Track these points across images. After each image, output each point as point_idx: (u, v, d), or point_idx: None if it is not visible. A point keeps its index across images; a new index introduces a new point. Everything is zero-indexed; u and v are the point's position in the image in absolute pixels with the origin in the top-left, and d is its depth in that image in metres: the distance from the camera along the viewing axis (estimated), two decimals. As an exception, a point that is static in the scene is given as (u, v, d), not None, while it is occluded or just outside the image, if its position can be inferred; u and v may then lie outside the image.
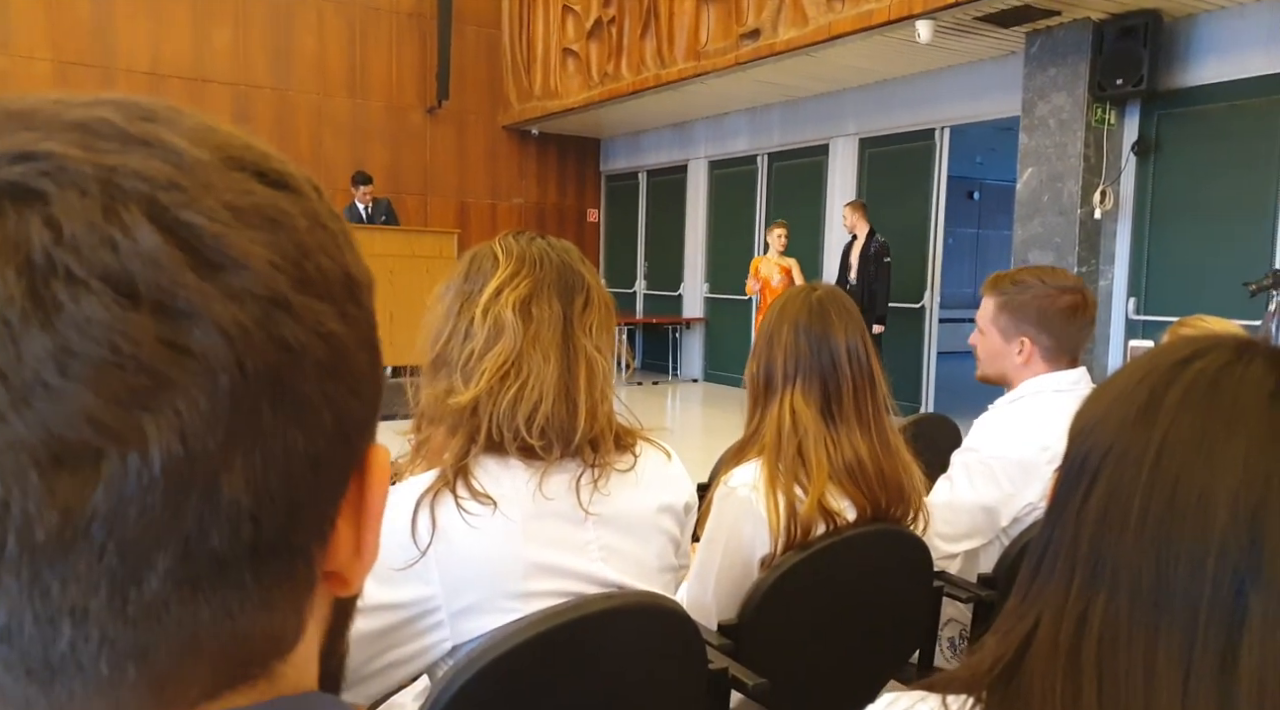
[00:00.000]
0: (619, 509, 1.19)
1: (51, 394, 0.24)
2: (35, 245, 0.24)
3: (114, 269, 0.25)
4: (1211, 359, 0.58)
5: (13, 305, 0.24)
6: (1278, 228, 5.25)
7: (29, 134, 0.26)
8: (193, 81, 8.73)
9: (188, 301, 0.26)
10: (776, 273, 7.24)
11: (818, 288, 1.62)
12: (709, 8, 7.21)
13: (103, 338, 0.24)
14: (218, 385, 0.26)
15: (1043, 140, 5.85)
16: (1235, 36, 5.31)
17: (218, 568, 0.27)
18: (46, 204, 0.25)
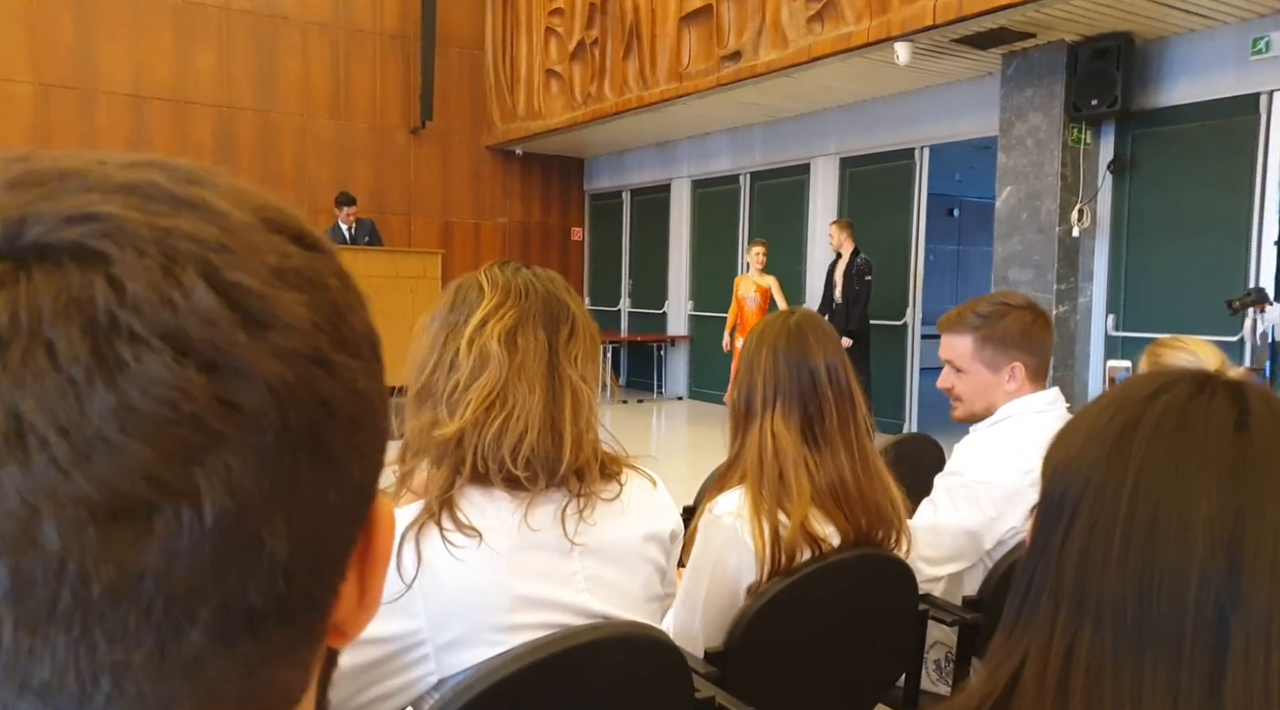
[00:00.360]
0: (605, 539, 1.19)
1: (112, 450, 0.25)
2: (99, 305, 0.25)
3: (173, 328, 0.26)
4: (1177, 393, 0.60)
5: (78, 363, 0.25)
6: (1250, 244, 5.33)
7: (86, 196, 0.27)
8: (176, 103, 8.71)
9: (240, 360, 0.27)
10: (753, 292, 7.29)
11: (795, 312, 1.63)
12: (690, 30, 7.28)
13: (163, 396, 0.25)
14: (264, 441, 0.27)
15: (1020, 159, 5.93)
16: (1205, 58, 5.41)
17: (250, 622, 0.28)
18: (109, 264, 0.26)
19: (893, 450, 2.52)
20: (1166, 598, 0.55)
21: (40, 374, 0.24)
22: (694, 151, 9.38)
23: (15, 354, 0.24)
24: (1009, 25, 5.32)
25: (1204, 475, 0.56)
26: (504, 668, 1.06)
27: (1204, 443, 0.57)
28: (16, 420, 0.24)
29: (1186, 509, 0.56)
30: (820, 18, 6.09)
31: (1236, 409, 0.58)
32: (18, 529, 0.24)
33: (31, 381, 0.24)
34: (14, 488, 0.24)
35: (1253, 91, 5.24)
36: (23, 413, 0.24)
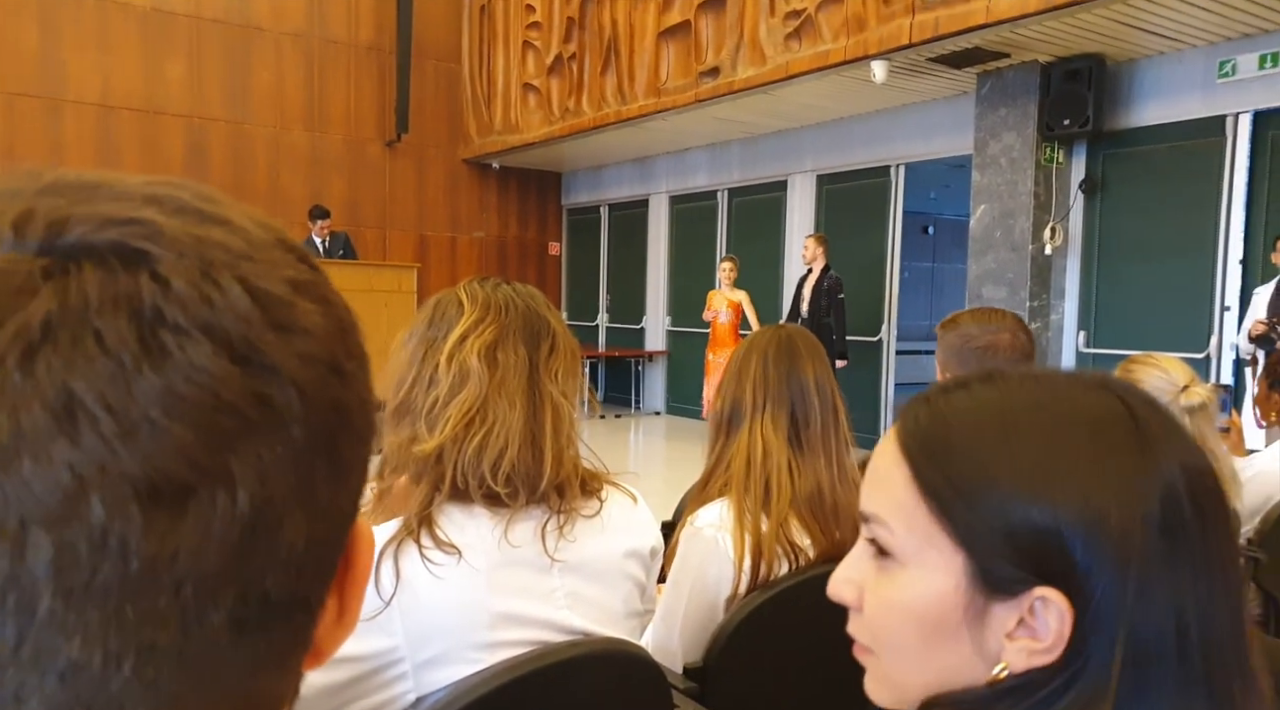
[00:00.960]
0: (585, 555, 1.18)
1: (156, 430, 0.26)
2: (145, 298, 0.27)
3: (212, 323, 0.27)
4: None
5: (126, 349, 0.26)
6: (1217, 264, 5.43)
7: (120, 203, 0.29)
8: (145, 113, 8.61)
9: (271, 358, 0.29)
10: (725, 307, 7.32)
11: (785, 328, 1.66)
12: (669, 46, 7.32)
13: (205, 383, 0.27)
14: (291, 436, 0.29)
15: (994, 178, 6.01)
16: (1174, 80, 5.52)
17: (264, 613, 0.29)
18: (152, 263, 0.28)
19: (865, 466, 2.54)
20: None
21: (90, 357, 0.26)
22: (672, 167, 9.42)
23: (65, 338, 0.25)
24: (983, 45, 5.40)
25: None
26: (483, 685, 1.05)
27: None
28: (68, 397, 0.25)
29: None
30: (798, 35, 6.15)
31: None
32: (65, 501, 0.25)
33: (82, 364, 0.25)
34: (64, 461, 0.25)
35: (1219, 113, 5.35)
36: (74, 391, 0.25)
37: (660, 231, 9.66)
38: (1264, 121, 5.23)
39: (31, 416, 0.25)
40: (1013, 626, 0.54)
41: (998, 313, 1.96)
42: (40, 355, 0.25)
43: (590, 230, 10.69)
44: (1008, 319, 1.94)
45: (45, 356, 0.25)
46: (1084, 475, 0.53)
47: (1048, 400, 0.57)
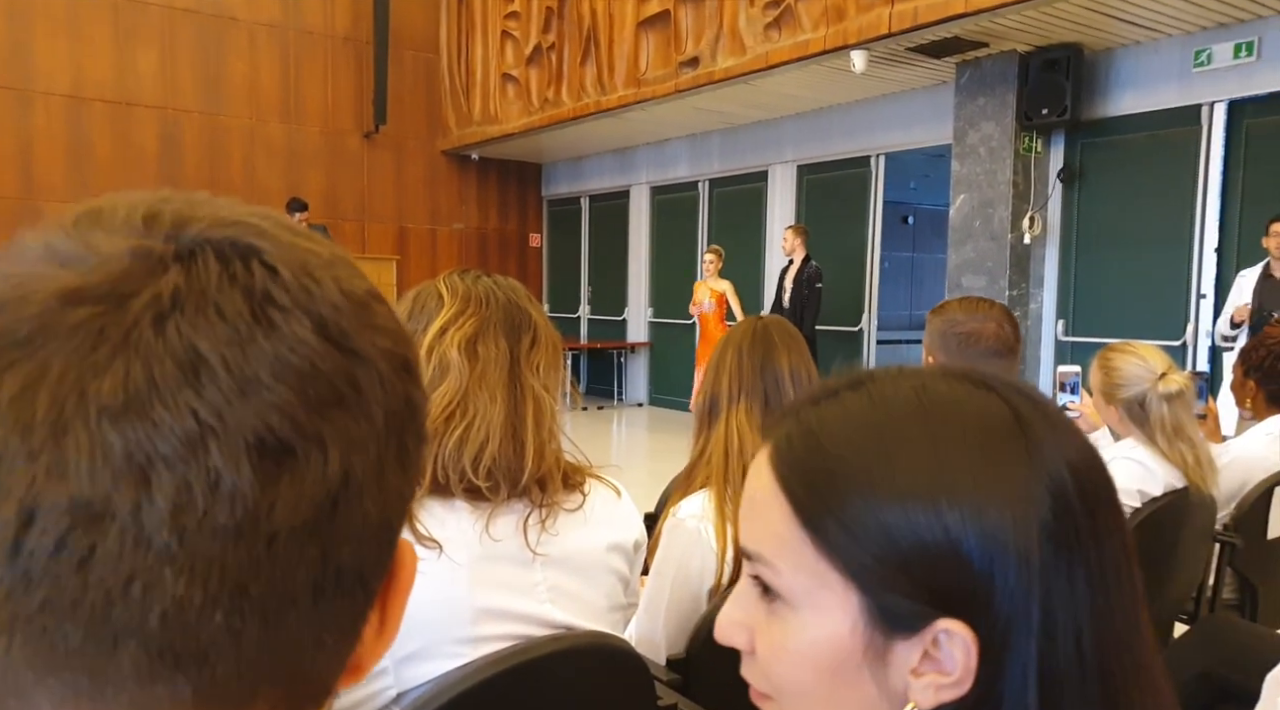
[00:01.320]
0: (567, 549, 1.17)
1: (265, 390, 0.29)
2: (257, 280, 0.30)
3: (312, 309, 0.31)
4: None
5: (242, 319, 0.29)
6: (1193, 252, 5.48)
7: (231, 211, 0.33)
8: (117, 105, 8.48)
9: (359, 345, 0.32)
10: (709, 298, 7.33)
11: (763, 319, 1.66)
12: (648, 36, 7.29)
13: (306, 355, 0.30)
14: (374, 418, 0.32)
15: (974, 168, 6.03)
16: (1150, 70, 5.56)
17: (337, 582, 0.31)
18: (262, 255, 0.31)
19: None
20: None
21: (212, 324, 0.29)
22: (652, 158, 9.39)
23: (191, 307, 0.29)
24: (962, 35, 5.41)
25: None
26: (465, 680, 1.04)
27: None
28: (195, 355, 0.28)
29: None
30: (777, 25, 6.14)
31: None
32: (188, 444, 0.28)
33: (205, 328, 0.29)
34: (189, 408, 0.28)
35: (1195, 103, 5.39)
36: (200, 350, 0.28)
37: (641, 222, 9.63)
38: (1239, 110, 5.27)
39: (163, 369, 0.28)
40: (917, 662, 0.50)
41: (986, 302, 1.96)
42: (170, 320, 0.29)
43: (571, 222, 10.66)
44: (995, 309, 1.95)
45: (174, 321, 0.29)
46: (973, 487, 0.49)
47: (925, 405, 0.52)
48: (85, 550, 0.27)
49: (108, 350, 0.28)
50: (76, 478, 0.27)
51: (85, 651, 0.27)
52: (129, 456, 0.27)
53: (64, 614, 0.27)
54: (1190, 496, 2.01)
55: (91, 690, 0.28)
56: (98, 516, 0.27)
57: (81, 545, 0.27)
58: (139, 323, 0.28)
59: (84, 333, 0.28)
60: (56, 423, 0.27)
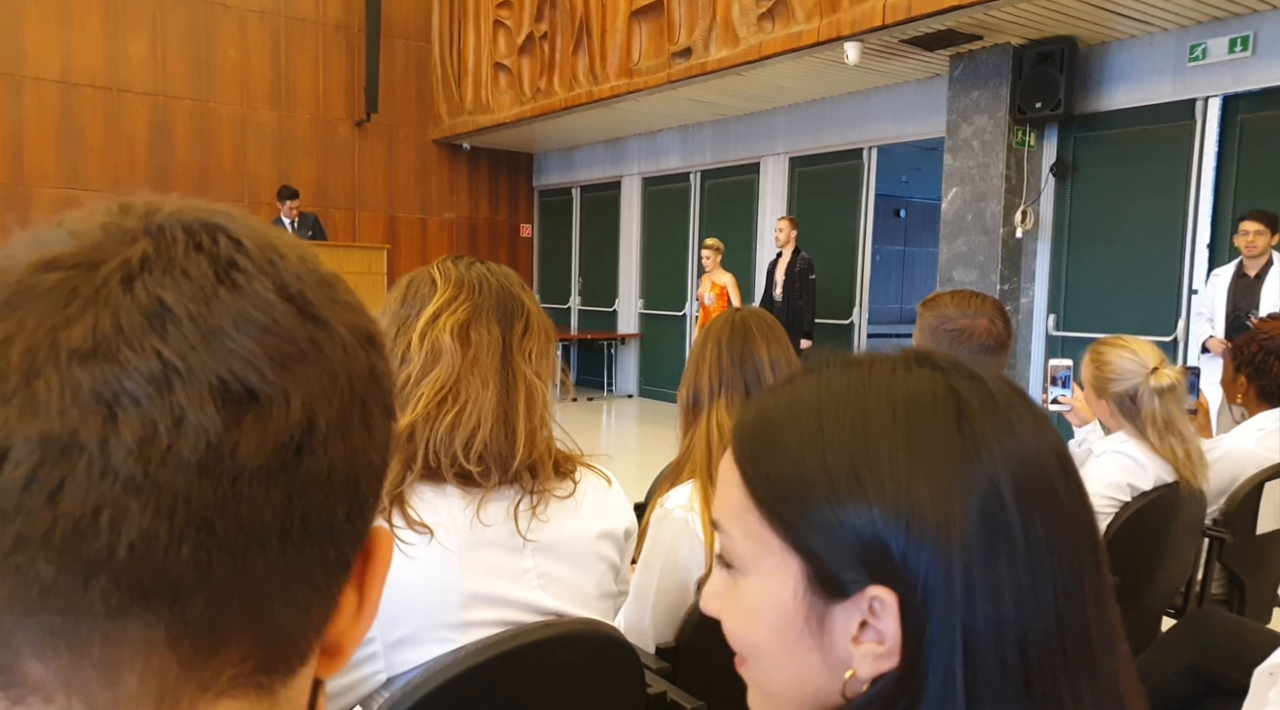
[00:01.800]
0: (558, 536, 1.17)
1: (229, 339, 0.31)
2: (222, 248, 0.33)
3: (274, 275, 0.33)
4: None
5: (206, 279, 0.31)
6: (1185, 247, 5.50)
7: (199, 206, 0.35)
8: (107, 91, 8.40)
9: (322, 311, 0.34)
10: (709, 291, 7.32)
11: (741, 310, 1.66)
12: (641, 26, 7.26)
13: (266, 312, 0.32)
14: (337, 377, 0.33)
15: (966, 161, 6.03)
16: (1144, 64, 5.56)
17: (304, 531, 0.32)
18: (228, 231, 0.34)
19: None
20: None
21: (178, 280, 0.31)
22: (644, 149, 9.36)
23: (159, 269, 0.31)
24: (956, 27, 5.40)
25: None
26: (455, 666, 1.04)
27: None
28: (160, 305, 0.30)
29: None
30: (771, 16, 6.11)
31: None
32: (153, 383, 0.29)
33: (170, 285, 0.31)
34: (154, 351, 0.29)
35: (1189, 97, 5.40)
36: (165, 300, 0.30)
37: (633, 213, 9.61)
38: (1233, 105, 5.28)
39: (130, 318, 0.30)
40: (855, 630, 0.52)
41: (979, 297, 1.95)
42: (139, 279, 0.31)
43: (562, 212, 10.62)
44: (988, 305, 1.94)
45: (142, 280, 0.31)
46: (898, 465, 0.51)
47: (864, 387, 0.54)
48: (55, 483, 0.28)
49: (79, 305, 0.29)
50: (46, 414, 0.28)
51: (58, 588, 0.28)
52: (96, 394, 0.28)
53: (36, 548, 0.28)
54: (1180, 491, 2.01)
55: (65, 628, 0.29)
56: (66, 449, 0.28)
57: (51, 478, 0.28)
58: (108, 281, 0.30)
59: (57, 293, 0.29)
60: (30, 369, 0.28)
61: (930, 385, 0.54)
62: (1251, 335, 2.41)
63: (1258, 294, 4.56)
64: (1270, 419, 2.32)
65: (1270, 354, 2.31)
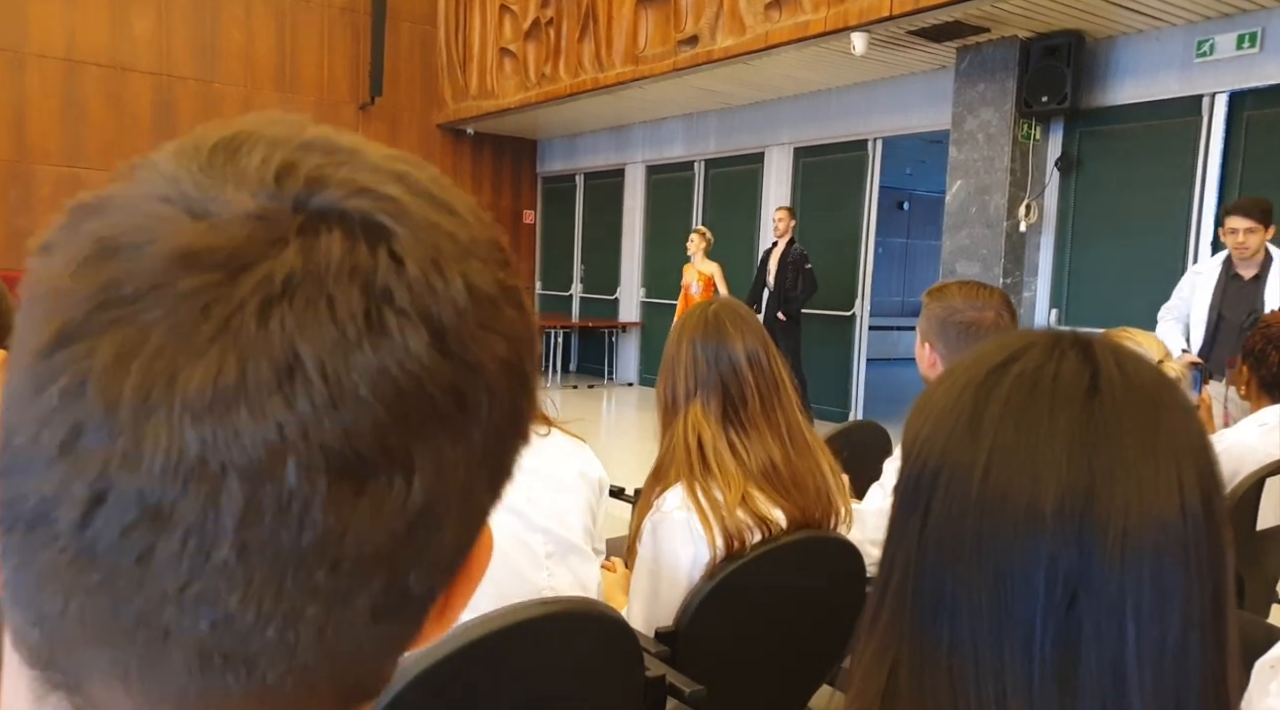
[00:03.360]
0: (539, 463, 1.24)
1: (360, 405, 0.27)
2: (380, 273, 0.28)
3: (433, 313, 0.28)
4: (1026, 361, 0.57)
5: (353, 321, 0.27)
6: (1189, 244, 5.48)
7: (372, 174, 0.30)
8: (111, 69, 8.37)
9: (476, 356, 0.29)
10: (696, 280, 7.30)
11: (713, 303, 1.63)
12: (648, 13, 7.22)
13: (415, 370, 0.28)
14: (472, 439, 0.30)
15: (971, 154, 6.01)
16: (1152, 59, 5.54)
17: (403, 605, 0.30)
18: (392, 240, 0.28)
19: (841, 438, 2.54)
20: (1018, 587, 0.52)
21: (320, 323, 0.27)
22: (648, 137, 9.33)
23: (302, 298, 0.27)
24: (964, 19, 5.38)
25: (1053, 451, 0.53)
26: (450, 643, 1.03)
27: (1052, 415, 0.54)
28: (294, 355, 0.26)
29: (1035, 488, 0.53)
30: (778, 5, 6.09)
31: (1088, 372, 0.56)
32: (266, 458, 0.26)
33: (311, 325, 0.26)
34: (275, 420, 0.26)
35: (1196, 93, 5.37)
36: (300, 352, 0.26)
37: (636, 202, 9.59)
38: (1240, 102, 5.26)
39: (257, 368, 0.26)
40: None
41: (986, 289, 1.95)
42: (277, 310, 0.26)
43: (565, 199, 10.60)
44: (995, 296, 1.93)
45: (280, 312, 0.26)
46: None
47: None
48: (146, 546, 0.26)
49: (208, 332, 0.26)
50: (149, 472, 0.26)
51: (137, 636, 0.27)
52: (204, 461, 0.26)
53: (119, 597, 0.27)
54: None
55: (140, 672, 0.28)
56: (164, 516, 0.26)
57: (144, 540, 0.26)
58: (244, 307, 0.26)
59: (189, 306, 0.26)
60: (141, 407, 0.26)
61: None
62: (1261, 327, 2.41)
63: (1257, 298, 3.71)
64: (1272, 414, 2.32)
65: (1270, 343, 2.31)
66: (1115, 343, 0.59)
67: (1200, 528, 0.53)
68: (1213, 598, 0.54)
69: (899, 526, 0.58)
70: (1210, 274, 3.92)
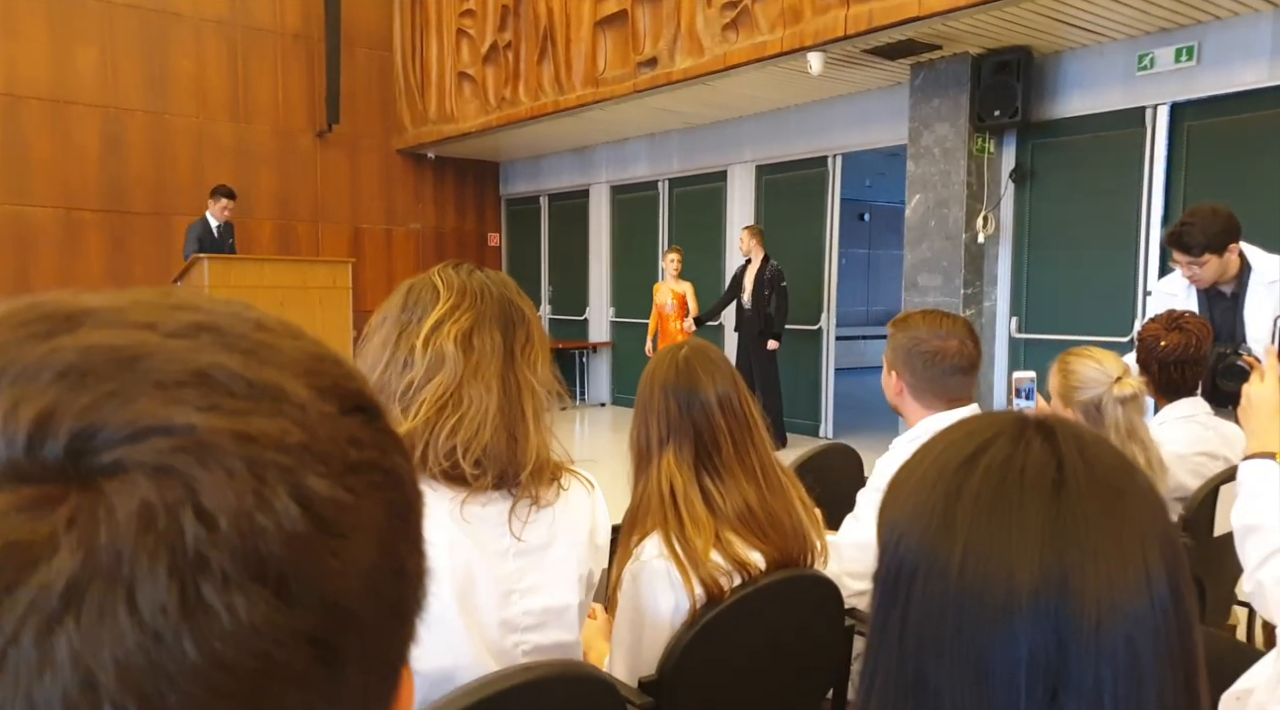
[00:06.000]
0: (541, 540, 1.20)
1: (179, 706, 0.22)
2: (189, 542, 0.23)
3: (264, 561, 0.23)
4: (994, 452, 0.59)
5: (165, 615, 0.22)
6: (1139, 250, 5.62)
7: (157, 395, 0.24)
8: (55, 103, 8.21)
9: (328, 587, 0.25)
10: (670, 299, 7.35)
11: (684, 346, 1.63)
12: (606, 35, 7.26)
13: (257, 648, 0.23)
14: (349, 680, 0.25)
15: (929, 168, 6.11)
16: (1096, 73, 5.68)
17: None
18: (195, 493, 0.23)
19: (812, 462, 2.56)
20: (1000, 684, 0.53)
21: (120, 629, 0.22)
22: (612, 157, 9.37)
23: (92, 604, 0.21)
24: (916, 37, 5.48)
25: (1025, 546, 0.55)
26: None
27: (1022, 510, 0.56)
28: (91, 688, 0.21)
29: (1010, 583, 0.54)
30: (735, 26, 6.15)
31: (1053, 463, 0.57)
32: None
33: (110, 638, 0.21)
34: None
35: (1139, 105, 5.52)
36: (99, 680, 0.21)
37: (601, 222, 9.61)
38: (1180, 113, 5.41)
39: (48, 702, 0.21)
40: None
41: (949, 318, 1.99)
42: (62, 629, 0.21)
43: (530, 221, 10.59)
44: (959, 325, 1.98)
45: (65, 633, 0.21)
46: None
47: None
48: None
49: None
50: None
51: None
52: None
53: None
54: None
55: None
56: None
57: None
58: (16, 641, 0.21)
59: None
60: None
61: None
62: (1140, 339, 2.48)
63: (1235, 318, 3.09)
64: (1181, 408, 2.40)
65: (1150, 354, 2.40)
66: (1076, 427, 0.61)
67: (1169, 612, 0.55)
68: (1185, 682, 0.55)
69: (880, 622, 0.60)
70: (1185, 296, 3.22)
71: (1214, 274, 2.99)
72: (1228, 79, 5.13)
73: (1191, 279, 3.05)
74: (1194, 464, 2.33)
